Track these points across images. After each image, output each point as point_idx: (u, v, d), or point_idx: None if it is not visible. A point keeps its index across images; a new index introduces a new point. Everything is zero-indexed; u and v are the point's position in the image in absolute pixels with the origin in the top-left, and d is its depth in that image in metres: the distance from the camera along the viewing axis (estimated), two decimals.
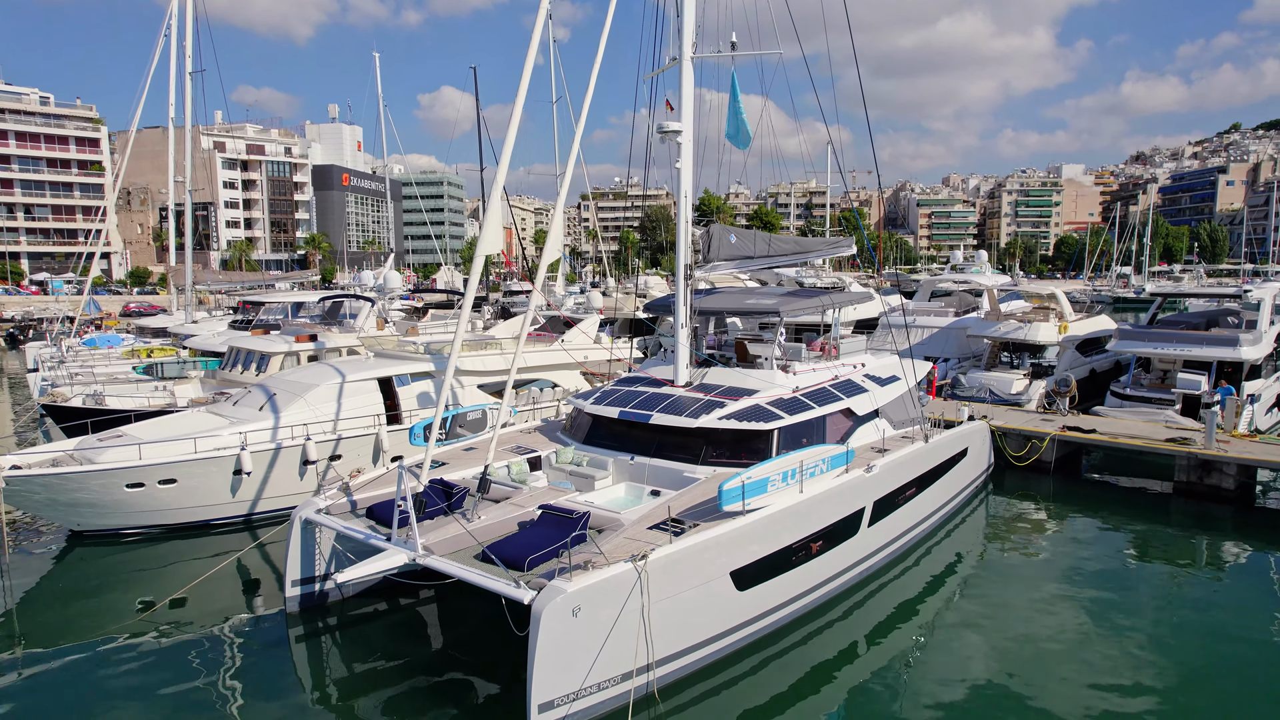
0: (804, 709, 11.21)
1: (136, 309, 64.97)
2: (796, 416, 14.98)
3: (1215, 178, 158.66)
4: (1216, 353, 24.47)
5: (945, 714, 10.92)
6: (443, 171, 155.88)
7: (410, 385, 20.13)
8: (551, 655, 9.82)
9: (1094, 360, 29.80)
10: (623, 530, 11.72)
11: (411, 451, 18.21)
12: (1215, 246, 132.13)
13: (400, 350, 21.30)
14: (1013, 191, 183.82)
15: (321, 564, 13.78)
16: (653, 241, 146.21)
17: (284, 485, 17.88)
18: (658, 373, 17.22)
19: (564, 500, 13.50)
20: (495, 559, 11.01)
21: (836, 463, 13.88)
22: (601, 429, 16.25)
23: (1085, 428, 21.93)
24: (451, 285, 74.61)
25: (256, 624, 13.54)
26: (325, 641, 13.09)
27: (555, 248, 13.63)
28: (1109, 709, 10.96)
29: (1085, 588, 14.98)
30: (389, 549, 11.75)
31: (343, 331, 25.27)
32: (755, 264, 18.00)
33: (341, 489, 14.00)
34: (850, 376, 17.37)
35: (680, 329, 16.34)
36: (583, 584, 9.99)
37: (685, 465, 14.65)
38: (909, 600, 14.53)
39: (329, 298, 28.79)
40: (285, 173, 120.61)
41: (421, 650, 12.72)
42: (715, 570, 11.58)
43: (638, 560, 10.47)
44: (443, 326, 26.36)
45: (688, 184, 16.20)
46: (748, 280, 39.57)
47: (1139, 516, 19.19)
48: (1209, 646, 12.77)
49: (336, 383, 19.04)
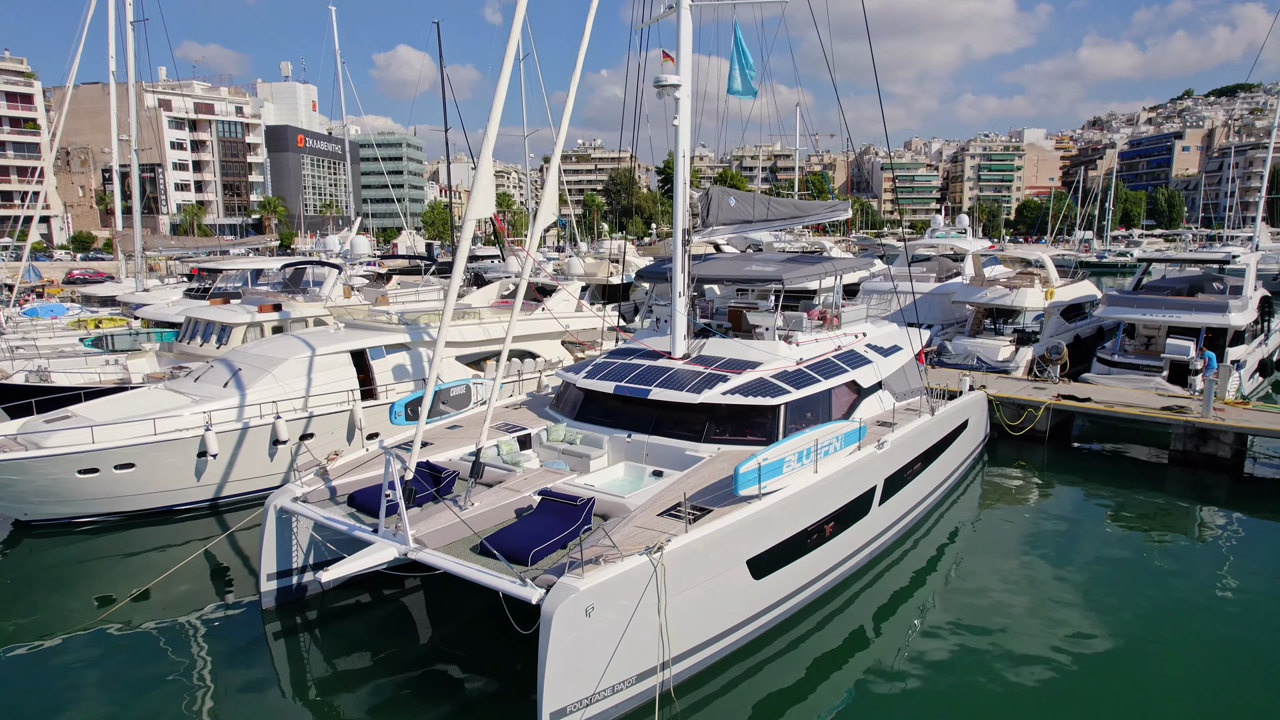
0: (821, 698, 10.63)
1: (81, 276, 61.82)
2: (803, 391, 14.19)
3: (1172, 144, 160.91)
4: (1206, 319, 24.26)
5: (959, 693, 10.47)
6: (401, 133, 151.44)
7: (385, 358, 18.94)
8: (563, 660, 8.99)
9: (1078, 326, 29.56)
10: (631, 518, 10.87)
11: (390, 431, 17.12)
12: (1172, 211, 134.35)
13: (372, 320, 20.06)
14: (975, 156, 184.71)
15: (299, 556, 12.73)
16: (617, 205, 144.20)
17: (253, 467, 16.69)
18: (652, 344, 16.31)
19: (561, 483, 12.60)
20: (495, 552, 10.09)
21: (849, 440, 13.15)
22: (594, 405, 15.33)
23: (1080, 396, 21.57)
24: (414, 250, 72.55)
25: (229, 622, 12.48)
26: (305, 640, 12.10)
27: (550, 210, 12.56)
28: (1137, 678, 10.53)
29: (1098, 562, 14.62)
30: (376, 542, 10.76)
31: (308, 300, 23.84)
32: (754, 227, 17.09)
33: (319, 474, 12.92)
34: (853, 347, 16.63)
35: (677, 298, 15.39)
36: (595, 581, 9.14)
37: (687, 443, 13.82)
38: (917, 579, 13.99)
39: (291, 264, 27.22)
40: (237, 133, 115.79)
41: (411, 647, 11.80)
42: (732, 559, 10.82)
43: (653, 552, 9.64)
44: (414, 294, 25.07)
45: (686, 143, 15.13)
46: (725, 245, 38.63)
47: (1137, 486, 18.91)
48: (1229, 618, 12.44)
49: (306, 356, 17.78)
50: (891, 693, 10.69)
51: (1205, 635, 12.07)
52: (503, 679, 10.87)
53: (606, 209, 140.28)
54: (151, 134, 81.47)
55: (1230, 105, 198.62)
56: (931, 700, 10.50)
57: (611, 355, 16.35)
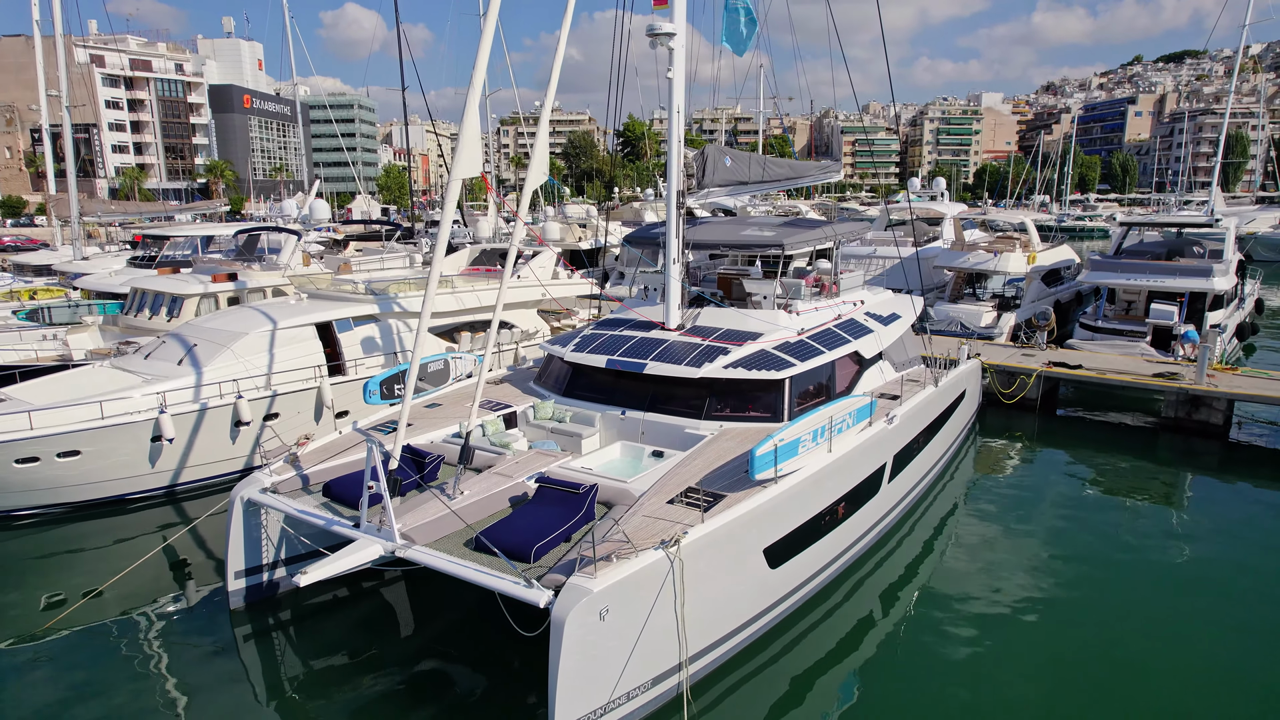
0: (838, 686, 10.08)
1: (12, 243, 58.32)
2: (808, 363, 13.38)
3: (1125, 109, 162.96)
4: (1190, 283, 24.08)
5: (975, 674, 10.07)
6: (353, 94, 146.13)
7: (353, 330, 17.67)
8: (576, 668, 8.14)
9: (1058, 291, 29.31)
10: (638, 506, 9.99)
11: (363, 410, 15.93)
12: (1126, 176, 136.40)
13: (337, 290, 18.72)
14: (934, 119, 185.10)
15: (269, 551, 11.64)
16: (577, 169, 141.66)
17: (213, 451, 15.43)
18: (643, 314, 15.35)
19: (555, 466, 11.66)
20: (494, 548, 9.16)
21: (861, 416, 12.39)
22: (584, 379, 14.37)
23: (1072, 363, 21.20)
24: (369, 215, 70.07)
25: (193, 625, 11.37)
26: (278, 642, 11.06)
27: (541, 169, 11.44)
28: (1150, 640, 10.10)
29: (1105, 534, 14.25)
30: (359, 538, 9.73)
31: (265, 269, 22.29)
32: (750, 189, 16.13)
33: (289, 461, 11.80)
34: (853, 316, 15.87)
35: (671, 264, 14.42)
36: (610, 580, 8.27)
37: (687, 420, 12.96)
38: (924, 557, 13.43)
39: (246, 230, 25.49)
40: (178, 92, 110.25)
41: (396, 648, 10.83)
42: (748, 549, 10.04)
43: (669, 546, 8.80)
44: (378, 261, 23.66)
45: (680, 98, 14.05)
46: (699, 209, 37.58)
47: (1131, 454, 18.62)
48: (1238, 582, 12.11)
49: (268, 330, 16.45)
50: (907, 673, 10.23)
51: (1223, 604, 11.72)
52: (499, 681, 10.01)
53: (566, 172, 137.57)
54: (84, 92, 77.00)
55: (1178, 71, 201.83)
56: (947, 678, 10.01)
57: (600, 326, 15.36)
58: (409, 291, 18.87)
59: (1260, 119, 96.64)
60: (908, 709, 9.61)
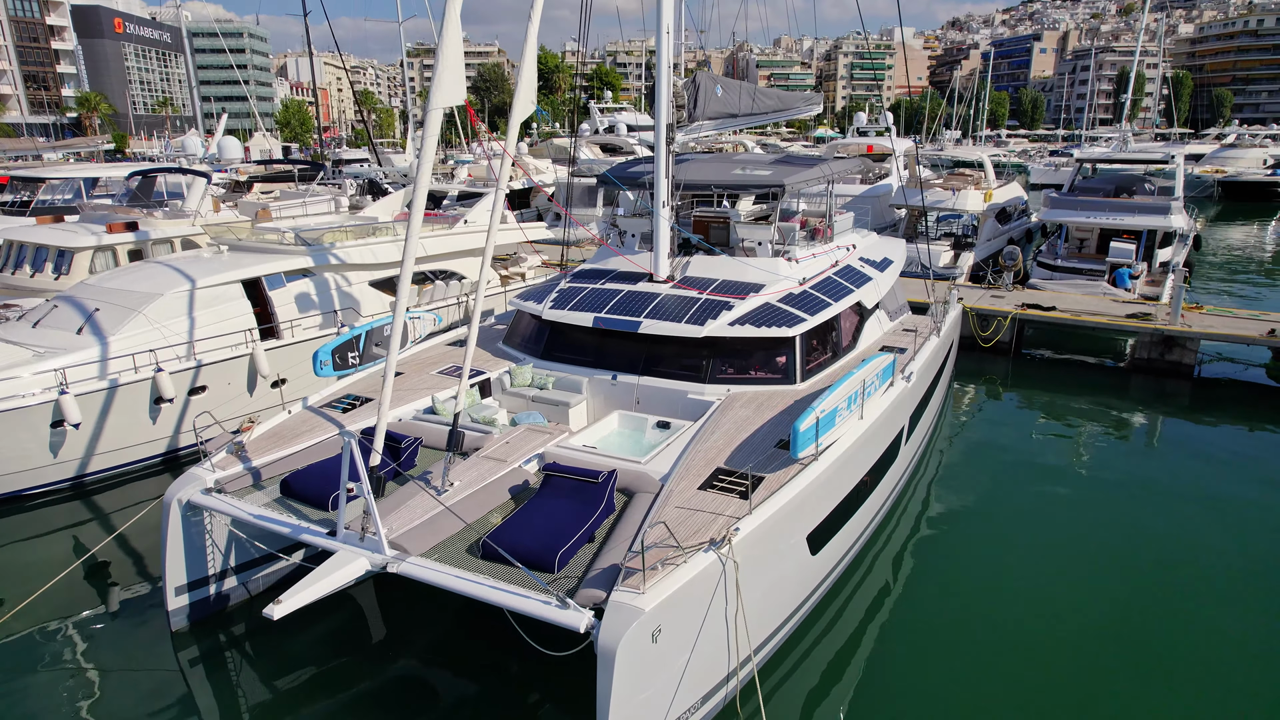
0: (881, 662, 9.31)
1: None
2: (817, 317, 12.14)
3: (1031, 45, 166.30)
4: (1149, 221, 23.97)
5: (1004, 625, 9.61)
6: (241, 23, 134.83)
7: (286, 287, 15.42)
8: (628, 699, 6.83)
9: (1010, 229, 29.02)
10: (667, 494, 8.62)
11: (305, 379, 13.93)
12: (1034, 112, 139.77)
13: (262, 241, 16.31)
14: (848, 54, 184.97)
15: (215, 559, 9.80)
16: (489, 103, 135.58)
17: (129, 434, 13.20)
18: (625, 264, 13.78)
19: (554, 446, 10.16)
20: (509, 556, 7.66)
21: (885, 376, 11.30)
22: (566, 339, 12.78)
23: (1045, 305, 20.76)
24: (269, 154, 64.81)
25: (126, 654, 9.48)
26: (233, 664, 9.33)
27: (527, 101, 9.61)
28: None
29: (1103, 478, 14.08)
30: (338, 550, 8.05)
31: (170, 216, 19.45)
32: (738, 122, 14.55)
33: (233, 452, 9.87)
34: (849, 262, 14.69)
35: (661, 208, 12.82)
36: (662, 595, 6.94)
37: (689, 385, 11.59)
38: (933, 518, 12.63)
39: (142, 172, 22.26)
40: (32, 12, 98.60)
41: (374, 666, 9.25)
42: (792, 538, 8.86)
43: (720, 546, 7.50)
44: (301, 206, 21.05)
45: (670, 16, 12.27)
46: (639, 147, 35.69)
47: (1107, 394, 18.36)
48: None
49: (186, 289, 14.09)
50: (945, 637, 9.66)
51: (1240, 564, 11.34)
52: (506, 704, 8.62)
53: (478, 107, 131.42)
54: None
55: (1075, 9, 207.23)
56: (976, 634, 9.63)
57: (578, 278, 13.70)
58: (347, 241, 16.63)
59: (1158, 56, 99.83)
60: (949, 684, 8.79)
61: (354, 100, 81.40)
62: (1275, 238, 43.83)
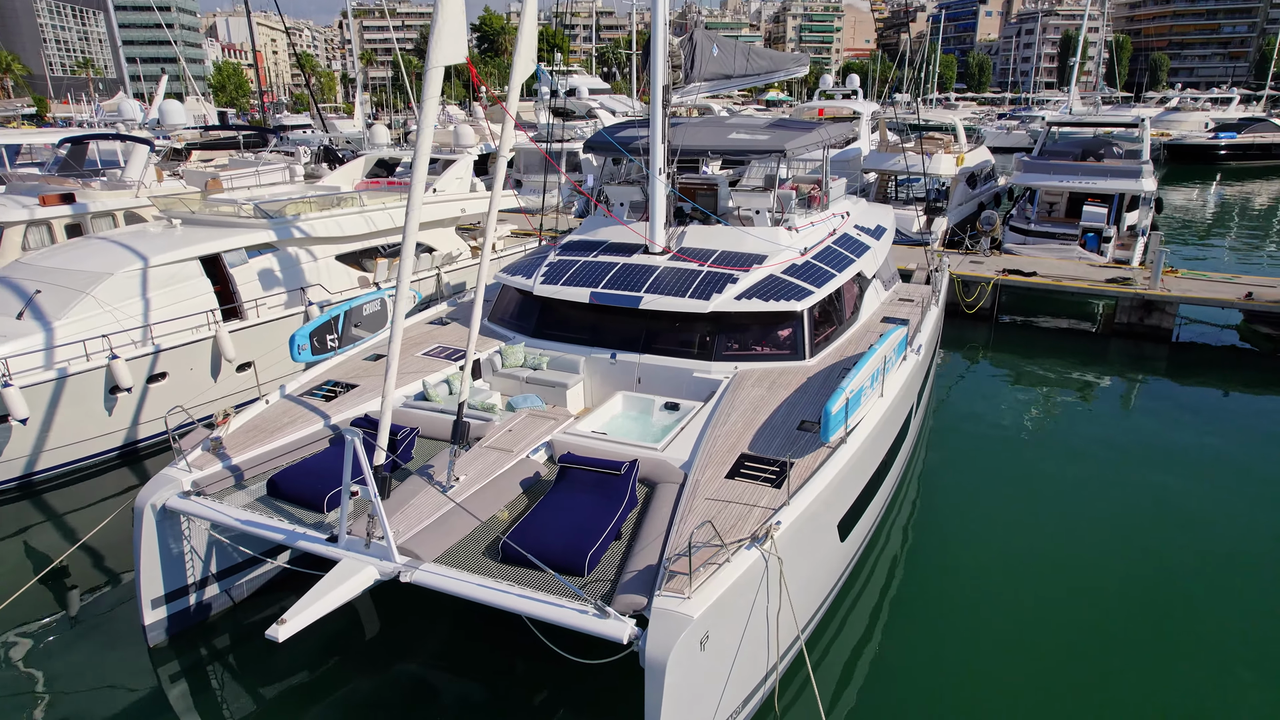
0: (906, 641, 9.05)
1: None
2: (823, 289, 11.64)
3: (977, 8, 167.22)
4: (1121, 185, 23.98)
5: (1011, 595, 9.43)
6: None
7: (248, 264, 14.31)
8: (679, 714, 6.33)
9: (979, 193, 28.92)
10: (693, 485, 8.06)
11: (285, 368, 12.95)
12: (981, 75, 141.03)
13: (218, 214, 15.09)
14: (797, 16, 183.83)
15: (195, 567, 8.97)
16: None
17: (82, 428, 12.11)
18: (617, 234, 13.07)
19: (561, 433, 9.50)
20: (533, 558, 7.03)
21: (900, 350, 10.88)
22: (558, 316, 12.07)
23: (1026, 270, 20.65)
24: (204, 120, 61.59)
25: (100, 674, 8.64)
26: (218, 680, 8.56)
27: (528, 59, 8.75)
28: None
29: (1094, 443, 14.11)
30: (343, 558, 7.32)
31: (109, 188, 17.97)
32: (732, 83, 13.84)
33: (210, 449, 8.99)
34: (846, 231, 14.20)
35: (657, 175, 12.10)
36: (709, 598, 6.42)
37: (694, 363, 11.03)
38: (937, 489, 12.39)
39: (74, 139, 20.54)
40: None
41: (376, 677, 8.60)
42: (825, 526, 8.41)
43: (763, 542, 6.99)
44: (254, 176, 19.68)
45: None
46: (601, 108, 34.62)
47: (1088, 358, 18.36)
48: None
49: (138, 268, 12.92)
50: (953, 612, 9.45)
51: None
52: (516, 705, 8.06)
53: (420, 71, 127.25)
54: None
55: None
56: (988, 607, 9.50)
57: (567, 250, 12.94)
58: (311, 213, 15.51)
59: (1100, 20, 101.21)
60: (972, 658, 8.56)
61: (294, 63, 77.58)
62: (1218, 199, 44.83)
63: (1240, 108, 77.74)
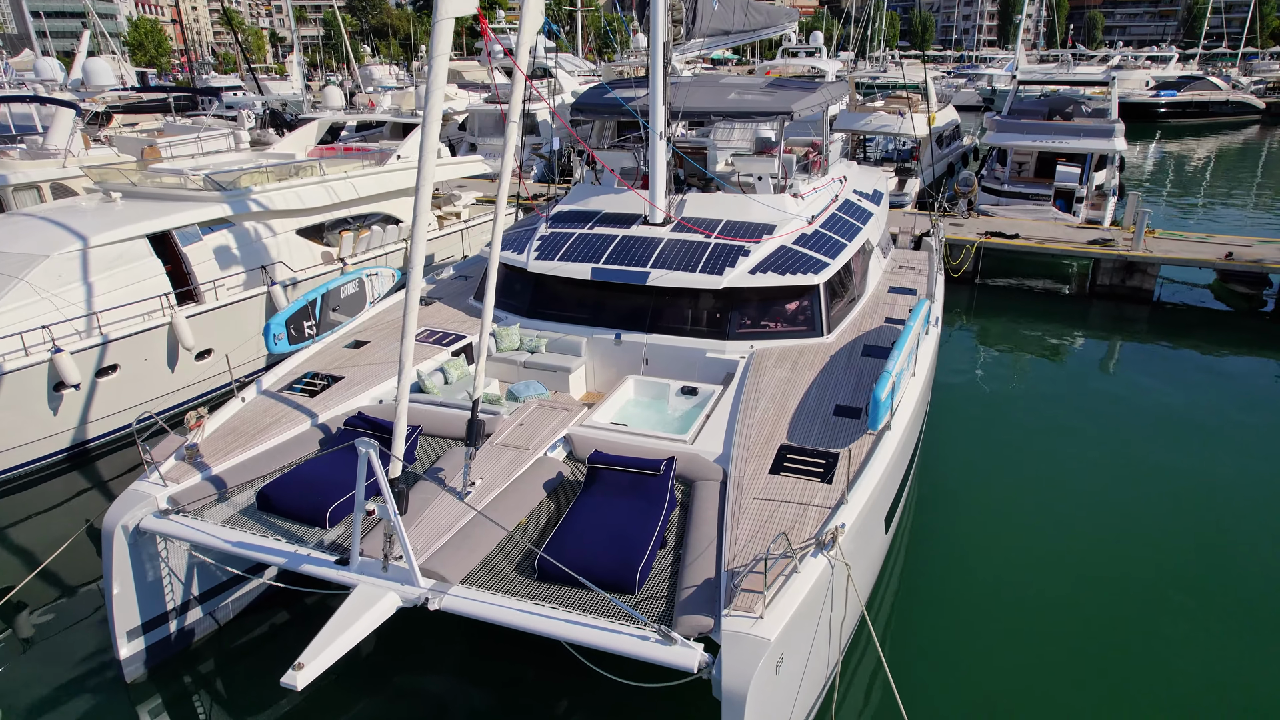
0: (941, 626, 8.66)
1: None
2: (837, 260, 11.00)
3: None
4: (1094, 144, 23.86)
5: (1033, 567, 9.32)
6: None
7: (203, 241, 12.97)
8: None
9: (948, 153, 28.61)
10: (737, 483, 7.38)
11: (249, 356, 11.77)
12: (925, 33, 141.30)
13: (163, 186, 13.66)
14: None
15: (175, 591, 7.99)
16: (366, 24, 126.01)
17: (24, 430, 10.82)
18: (612, 204, 12.19)
19: (576, 425, 8.72)
20: (578, 575, 6.29)
21: (924, 323, 10.31)
22: (554, 294, 11.19)
23: (1008, 233, 20.36)
24: (123, 80, 57.81)
25: (67, 709, 7.65)
26: (205, 718, 7.67)
27: (536, 12, 7.75)
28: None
29: (1097, 401, 14.10)
30: (358, 584, 6.46)
31: (29, 156, 16.21)
32: (730, 39, 12.95)
33: (185, 457, 7.95)
34: (846, 196, 13.55)
35: (658, 140, 11.20)
36: (784, 617, 5.78)
37: (707, 342, 10.31)
38: (951, 460, 12.02)
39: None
40: None
41: (383, 706, 7.80)
42: (875, 521, 7.83)
43: (829, 548, 6.37)
44: (196, 143, 18.03)
45: None
46: (557, 67, 33.14)
47: (1071, 320, 18.20)
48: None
49: (77, 249, 11.53)
50: (980, 597, 8.90)
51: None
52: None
53: (357, 29, 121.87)
54: None
55: None
56: (1005, 573, 9.12)
57: (559, 221, 12.01)
58: (268, 184, 14.16)
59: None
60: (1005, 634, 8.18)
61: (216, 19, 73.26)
62: (1158, 156, 45.57)
63: (1179, 66, 79.31)
